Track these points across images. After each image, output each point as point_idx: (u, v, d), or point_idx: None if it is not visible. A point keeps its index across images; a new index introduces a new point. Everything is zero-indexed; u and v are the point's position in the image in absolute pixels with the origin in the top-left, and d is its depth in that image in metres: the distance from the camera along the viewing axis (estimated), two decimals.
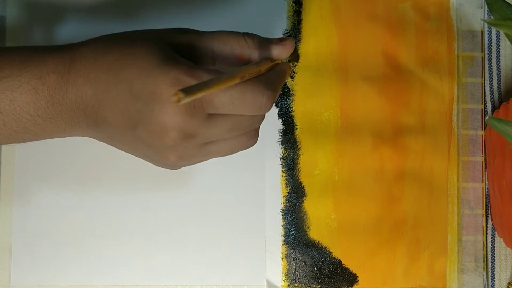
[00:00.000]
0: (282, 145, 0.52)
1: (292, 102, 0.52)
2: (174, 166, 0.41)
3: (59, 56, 0.40)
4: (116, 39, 0.41)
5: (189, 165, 0.41)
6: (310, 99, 0.52)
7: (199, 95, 0.33)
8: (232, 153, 0.42)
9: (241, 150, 0.42)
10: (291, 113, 0.52)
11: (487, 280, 0.52)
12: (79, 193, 0.50)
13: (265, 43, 0.42)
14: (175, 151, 0.39)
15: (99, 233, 0.50)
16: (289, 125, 0.52)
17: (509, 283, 0.52)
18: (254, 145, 0.51)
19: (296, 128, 0.52)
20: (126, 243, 0.50)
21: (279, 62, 0.42)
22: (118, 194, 0.50)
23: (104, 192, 0.50)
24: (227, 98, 0.37)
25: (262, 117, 0.41)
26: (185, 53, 0.40)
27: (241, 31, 0.41)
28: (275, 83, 0.40)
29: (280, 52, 0.42)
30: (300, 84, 0.52)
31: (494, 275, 0.52)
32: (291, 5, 0.52)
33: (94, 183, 0.50)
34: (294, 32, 0.52)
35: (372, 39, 0.52)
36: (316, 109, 0.52)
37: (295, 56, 0.51)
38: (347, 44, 0.52)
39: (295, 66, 0.51)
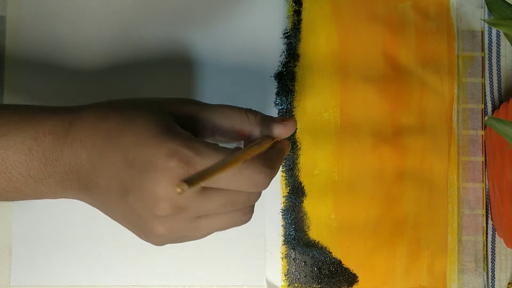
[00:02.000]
0: None
1: (292, 102, 0.52)
2: (161, 240, 0.39)
3: (58, 118, 0.39)
4: (117, 104, 0.40)
5: (175, 241, 0.40)
6: (310, 99, 0.52)
7: (202, 183, 0.32)
8: (224, 229, 0.40)
9: (234, 226, 0.40)
10: (291, 113, 0.52)
11: (487, 280, 0.52)
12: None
13: (267, 121, 0.41)
14: (164, 222, 0.38)
15: (99, 233, 0.50)
16: None
17: (509, 283, 0.52)
18: None
19: (296, 128, 0.52)
20: (126, 243, 0.50)
21: (279, 140, 0.42)
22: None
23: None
24: (223, 173, 0.36)
25: (258, 194, 0.40)
26: (186, 123, 0.40)
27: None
28: (273, 161, 0.39)
29: (282, 132, 0.42)
30: (300, 84, 0.52)
31: (494, 275, 0.52)
32: (291, 4, 0.52)
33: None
34: (294, 32, 0.52)
35: (372, 39, 0.52)
36: (316, 109, 0.52)
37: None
38: (347, 44, 0.52)
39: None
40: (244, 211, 0.40)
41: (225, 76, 0.52)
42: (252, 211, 0.41)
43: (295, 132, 0.51)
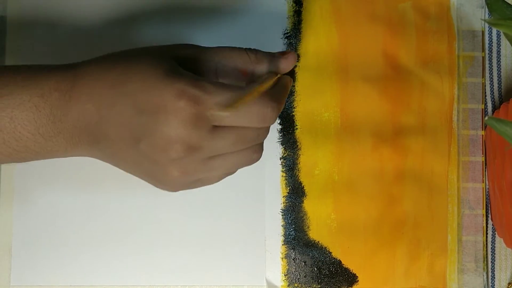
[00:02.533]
0: (282, 145, 0.52)
1: (292, 102, 0.52)
2: (176, 184, 0.40)
3: (62, 74, 0.39)
4: (120, 55, 0.40)
5: (190, 185, 0.41)
6: (310, 99, 0.52)
7: (240, 106, 0.35)
8: (236, 169, 0.41)
9: (246, 165, 0.41)
10: (291, 113, 0.52)
11: (487, 280, 0.52)
12: (79, 193, 0.50)
13: (267, 57, 0.42)
14: (178, 165, 0.38)
15: (99, 233, 0.50)
16: (289, 125, 0.52)
17: (509, 284, 0.52)
18: None
19: (296, 128, 0.52)
20: (126, 243, 0.50)
21: (280, 76, 0.42)
22: (118, 194, 0.50)
23: (104, 192, 0.50)
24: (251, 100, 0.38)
25: (267, 131, 0.41)
26: (189, 67, 0.40)
27: (244, 46, 0.42)
28: (279, 95, 0.40)
29: (284, 66, 0.42)
30: (300, 84, 0.52)
31: (494, 275, 0.52)
32: (292, 5, 0.52)
33: (94, 183, 0.50)
34: (294, 32, 0.52)
35: (372, 39, 0.52)
36: (316, 109, 0.52)
37: (291, 73, 0.51)
38: (347, 44, 0.52)
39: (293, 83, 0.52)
40: (254, 149, 0.41)
41: None
42: (262, 149, 0.42)
43: (295, 130, 0.51)
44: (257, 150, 0.41)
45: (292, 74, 0.51)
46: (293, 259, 0.51)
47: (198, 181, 0.41)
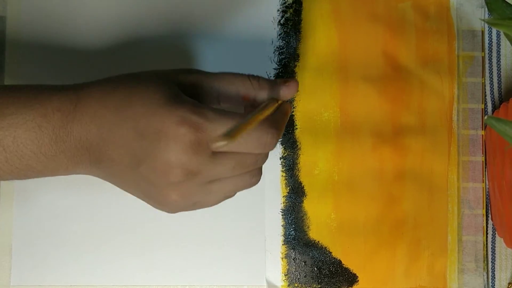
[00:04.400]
0: (282, 145, 0.52)
1: (292, 102, 0.52)
2: (174, 207, 0.41)
3: (65, 95, 0.40)
4: (123, 79, 0.41)
5: (189, 208, 0.41)
6: (310, 99, 0.52)
7: (239, 137, 0.35)
8: (234, 193, 0.42)
9: (244, 189, 0.42)
10: (291, 113, 0.52)
11: (488, 280, 0.52)
12: (79, 193, 0.50)
13: (269, 84, 0.42)
14: (178, 189, 0.39)
15: (99, 233, 0.50)
16: (289, 125, 0.52)
17: (509, 283, 0.52)
18: None
19: (296, 128, 0.52)
20: (126, 243, 0.50)
21: (281, 102, 0.43)
22: (118, 194, 0.50)
23: (104, 192, 0.50)
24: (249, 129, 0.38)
25: (266, 156, 0.41)
26: (191, 92, 0.40)
27: (247, 73, 0.42)
28: (279, 122, 0.40)
29: (285, 93, 0.42)
30: (300, 84, 0.52)
31: (494, 275, 0.52)
32: (291, 5, 0.52)
33: (94, 183, 0.50)
34: (294, 32, 0.52)
35: (372, 39, 0.52)
36: (316, 109, 0.52)
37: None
38: (347, 44, 0.52)
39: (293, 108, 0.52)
40: (253, 173, 0.41)
41: None
42: (261, 173, 0.42)
43: (295, 130, 0.51)
44: (256, 174, 0.42)
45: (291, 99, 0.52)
46: (293, 259, 0.51)
47: (197, 204, 0.41)
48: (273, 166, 0.51)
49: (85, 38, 0.51)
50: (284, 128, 0.42)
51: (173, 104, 0.38)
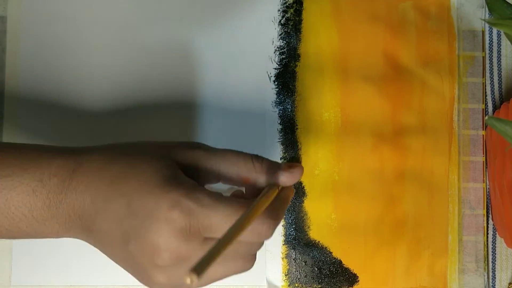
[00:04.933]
0: (282, 145, 0.52)
1: (292, 102, 0.52)
2: (160, 287, 0.39)
3: (64, 160, 0.39)
4: (123, 149, 0.40)
5: None
6: (310, 99, 0.52)
7: (209, 268, 0.31)
8: (225, 277, 0.40)
9: (235, 274, 0.40)
10: (291, 113, 0.52)
11: (488, 281, 0.52)
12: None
13: (273, 168, 0.41)
14: (164, 272, 0.37)
15: None
16: (289, 125, 0.52)
17: (510, 284, 0.52)
18: (254, 145, 0.51)
19: (296, 128, 0.52)
20: None
21: (282, 187, 0.41)
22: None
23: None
24: (225, 223, 0.36)
25: (261, 244, 0.40)
26: (190, 168, 0.40)
27: (250, 154, 0.41)
28: (277, 210, 0.39)
29: (288, 180, 0.41)
30: (301, 84, 0.52)
31: (495, 275, 0.52)
32: (292, 5, 0.52)
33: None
34: (295, 32, 0.52)
35: (372, 39, 0.52)
36: (316, 109, 0.52)
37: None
38: (347, 44, 0.52)
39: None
40: (245, 259, 0.39)
41: (226, 76, 0.52)
42: (254, 258, 0.40)
43: (295, 130, 0.51)
44: (249, 260, 0.40)
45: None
46: (293, 259, 0.51)
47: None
48: None
49: (86, 38, 0.51)
50: (284, 215, 0.40)
51: (169, 186, 0.37)
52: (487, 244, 0.52)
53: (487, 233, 0.52)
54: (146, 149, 0.40)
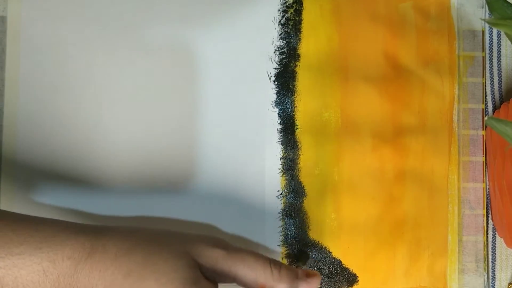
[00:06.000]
0: (282, 145, 0.52)
1: (292, 102, 0.52)
2: None
3: (79, 242, 0.38)
4: (144, 238, 0.39)
5: None
6: (310, 99, 0.52)
7: None
8: None
9: None
10: (291, 113, 0.52)
11: (488, 281, 0.52)
12: (79, 193, 0.50)
13: (290, 276, 0.41)
14: None
15: None
16: (289, 125, 0.52)
17: (510, 284, 0.52)
18: (254, 145, 0.51)
19: (296, 128, 0.52)
20: None
21: None
22: (118, 194, 0.50)
23: (104, 192, 0.50)
24: None
25: None
26: (208, 268, 0.40)
27: (268, 259, 0.41)
28: None
29: None
30: (301, 84, 0.52)
31: (495, 275, 0.52)
32: (292, 5, 0.52)
33: (94, 183, 0.50)
34: (295, 32, 0.52)
35: (372, 39, 0.52)
36: (316, 109, 0.52)
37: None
38: (347, 44, 0.52)
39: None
40: None
41: (226, 76, 0.52)
42: None
43: (295, 130, 0.51)
44: None
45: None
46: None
47: None
48: (273, 166, 0.51)
49: (87, 38, 0.51)
50: None
51: None
52: (487, 244, 0.52)
53: (487, 233, 0.52)
54: (168, 243, 0.39)
